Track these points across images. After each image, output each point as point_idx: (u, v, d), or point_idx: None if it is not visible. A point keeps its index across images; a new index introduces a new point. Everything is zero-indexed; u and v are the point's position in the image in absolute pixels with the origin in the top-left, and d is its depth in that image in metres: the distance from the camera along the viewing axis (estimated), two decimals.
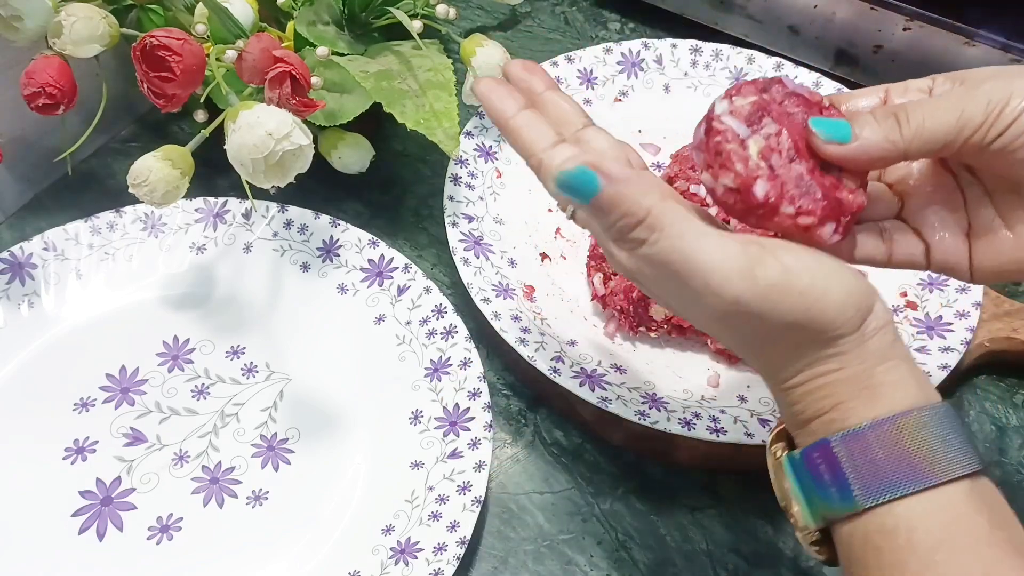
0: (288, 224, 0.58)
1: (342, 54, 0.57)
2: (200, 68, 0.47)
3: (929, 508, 0.31)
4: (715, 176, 0.35)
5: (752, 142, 0.35)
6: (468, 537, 0.46)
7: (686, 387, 0.53)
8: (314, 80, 0.50)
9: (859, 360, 0.33)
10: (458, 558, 0.45)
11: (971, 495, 0.32)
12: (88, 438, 0.51)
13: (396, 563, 0.46)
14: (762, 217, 0.35)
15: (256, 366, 0.54)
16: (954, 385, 0.56)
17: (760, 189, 0.34)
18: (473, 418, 0.50)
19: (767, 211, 0.34)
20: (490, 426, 0.50)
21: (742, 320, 0.34)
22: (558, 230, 0.61)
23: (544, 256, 0.59)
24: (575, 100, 0.40)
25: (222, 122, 0.47)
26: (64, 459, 0.50)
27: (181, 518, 0.48)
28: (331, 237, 0.57)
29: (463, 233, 0.56)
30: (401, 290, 0.55)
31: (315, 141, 0.49)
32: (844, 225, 0.35)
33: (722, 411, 0.50)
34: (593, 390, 0.50)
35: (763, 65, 0.67)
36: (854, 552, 0.33)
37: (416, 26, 0.57)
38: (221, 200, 0.58)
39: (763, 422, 0.49)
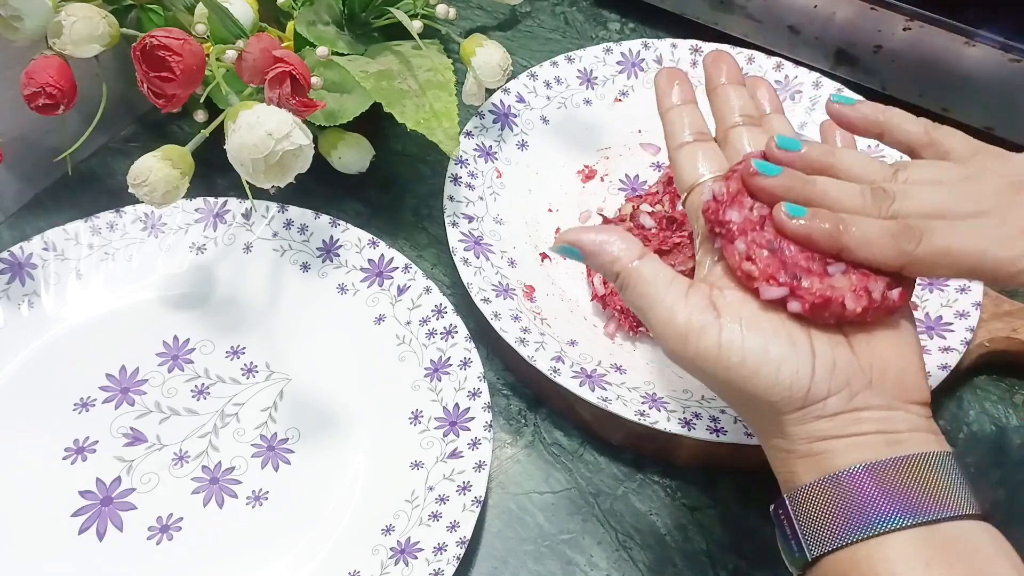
0: (288, 224, 0.58)
1: (342, 54, 0.57)
2: (200, 68, 0.47)
3: (868, 556, 0.33)
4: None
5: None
6: (468, 537, 0.46)
7: (686, 387, 0.53)
8: (314, 80, 0.50)
9: (802, 438, 0.35)
10: (458, 558, 0.45)
11: (915, 544, 0.33)
12: (88, 438, 0.51)
13: (396, 563, 0.46)
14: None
15: (256, 366, 0.54)
16: (954, 385, 0.56)
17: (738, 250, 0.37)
18: (473, 418, 0.50)
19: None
20: (490, 426, 0.50)
21: (690, 374, 0.37)
22: (558, 230, 0.61)
23: (544, 256, 0.59)
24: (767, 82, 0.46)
25: (222, 122, 0.47)
26: (64, 459, 0.50)
27: (181, 518, 0.48)
28: (331, 237, 0.57)
29: (463, 233, 0.56)
30: (401, 290, 0.55)
31: (315, 141, 0.49)
32: (807, 305, 0.36)
33: (722, 411, 0.50)
34: (593, 390, 0.50)
35: (763, 65, 0.67)
36: None
37: (416, 26, 0.57)
38: (221, 200, 0.58)
39: None
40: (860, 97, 0.39)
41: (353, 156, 0.58)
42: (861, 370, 0.36)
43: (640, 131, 0.66)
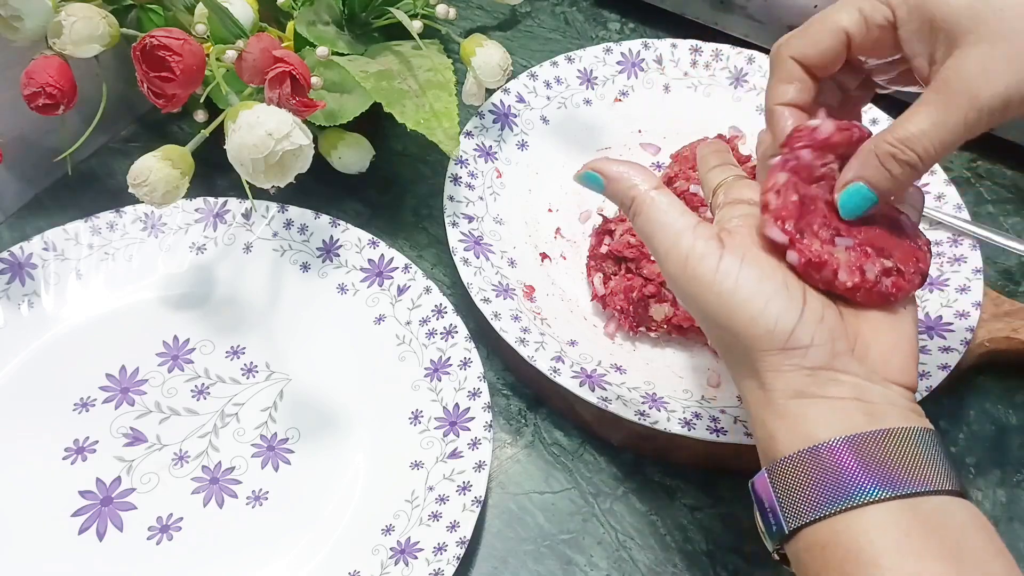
0: (288, 224, 0.58)
1: (342, 54, 0.57)
2: (200, 68, 0.47)
3: (846, 527, 0.33)
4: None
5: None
6: (468, 537, 0.46)
7: (686, 387, 0.53)
8: (314, 80, 0.50)
9: (780, 388, 0.36)
10: (458, 558, 0.45)
11: (893, 515, 0.33)
12: (88, 438, 0.51)
13: (396, 563, 0.46)
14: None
15: (256, 366, 0.54)
16: (954, 385, 0.56)
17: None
18: (473, 418, 0.50)
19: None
20: (490, 426, 0.50)
21: (684, 303, 0.39)
22: (558, 230, 0.61)
23: (544, 256, 0.59)
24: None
25: (222, 122, 0.47)
26: (64, 459, 0.50)
27: (181, 518, 0.48)
28: (331, 237, 0.57)
29: (463, 233, 0.56)
30: (401, 290, 0.55)
31: (315, 141, 0.49)
32: (803, 260, 0.37)
33: (722, 411, 0.50)
34: (593, 390, 0.50)
35: (763, 65, 0.67)
36: (798, 568, 0.35)
37: (416, 26, 0.57)
38: (221, 200, 0.58)
39: None
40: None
41: (353, 156, 0.58)
42: (846, 335, 0.36)
43: (640, 131, 0.66)
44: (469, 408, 0.51)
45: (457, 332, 0.53)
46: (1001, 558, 0.33)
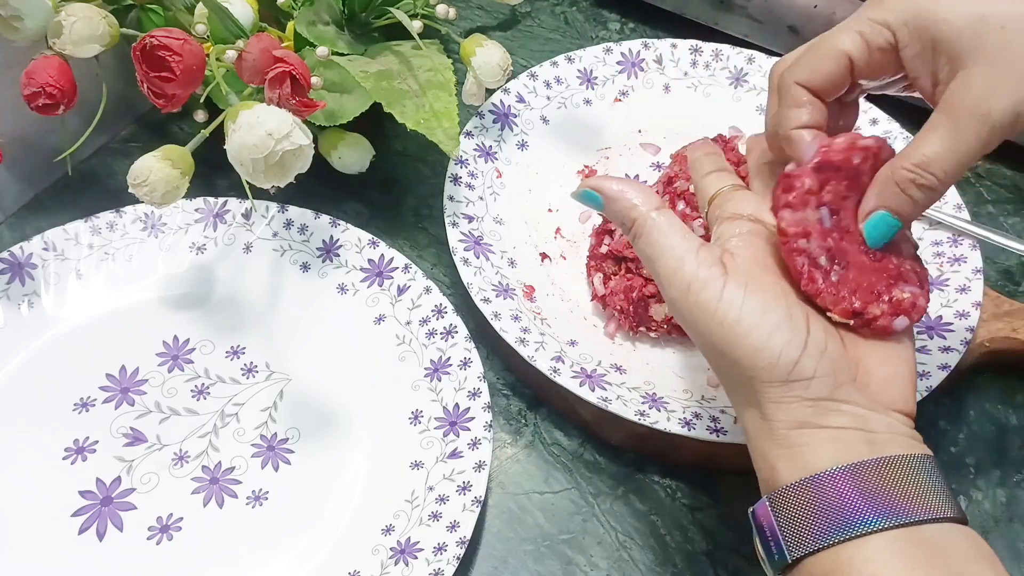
0: (288, 224, 0.58)
1: (342, 54, 0.57)
2: (200, 68, 0.47)
3: (848, 557, 0.33)
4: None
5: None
6: (468, 537, 0.46)
7: (686, 387, 0.53)
8: (314, 80, 0.50)
9: (782, 420, 0.36)
10: (458, 558, 0.45)
11: (895, 545, 0.33)
12: (88, 438, 0.51)
13: (396, 563, 0.46)
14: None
15: (256, 366, 0.54)
16: (954, 385, 0.56)
17: (813, 286, 0.38)
18: (473, 418, 0.50)
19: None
20: (490, 426, 0.50)
21: (685, 329, 0.38)
22: (558, 230, 0.61)
23: (544, 256, 0.59)
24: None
25: (222, 122, 0.47)
26: (64, 459, 0.50)
27: (181, 518, 0.48)
28: (331, 237, 0.57)
29: (463, 233, 0.56)
30: (401, 290, 0.55)
31: (315, 141, 0.49)
32: (914, 310, 0.38)
33: (722, 411, 0.50)
34: (593, 390, 0.50)
35: (763, 65, 0.67)
36: None
37: (416, 26, 0.57)
38: (221, 200, 0.58)
39: None
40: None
41: (353, 156, 0.58)
42: (848, 364, 0.36)
43: (640, 131, 0.66)
44: (469, 408, 0.51)
45: (457, 332, 0.53)
46: None
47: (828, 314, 0.37)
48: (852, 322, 0.37)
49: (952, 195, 0.59)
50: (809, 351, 0.35)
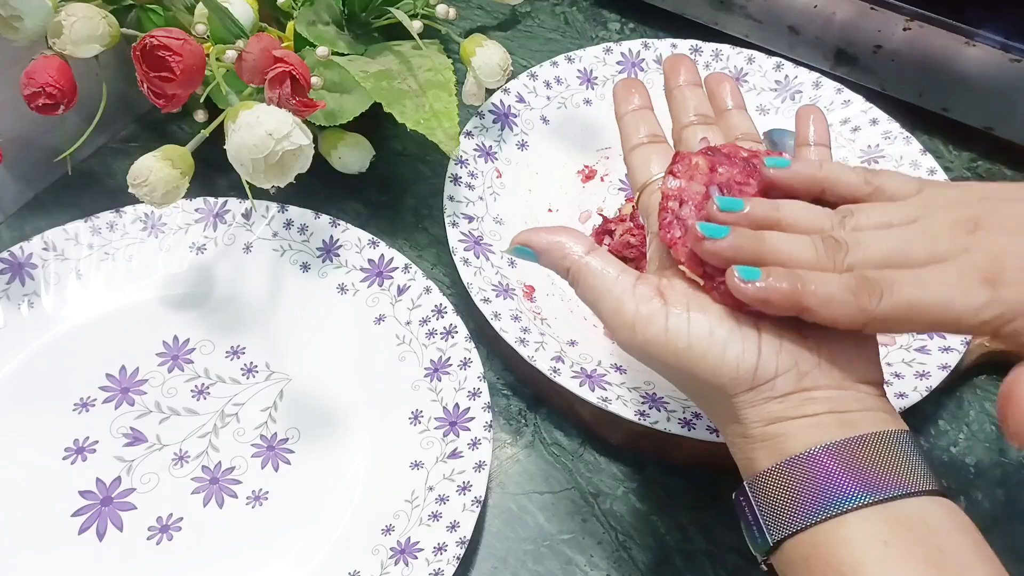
0: (288, 224, 0.58)
1: (342, 54, 0.57)
2: (200, 68, 0.47)
3: (827, 538, 0.33)
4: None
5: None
6: (468, 537, 0.46)
7: None
8: (314, 80, 0.50)
9: (755, 421, 0.36)
10: (458, 558, 0.45)
11: (872, 523, 0.33)
12: (88, 438, 0.51)
13: (396, 563, 0.46)
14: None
15: (256, 366, 0.54)
16: (954, 385, 0.56)
17: (669, 234, 0.38)
18: (473, 418, 0.50)
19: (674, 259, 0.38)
20: (490, 426, 0.50)
21: (645, 364, 0.38)
22: None
23: None
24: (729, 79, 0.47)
25: (222, 122, 0.47)
26: (64, 459, 0.50)
27: (181, 518, 0.48)
28: (331, 237, 0.57)
29: (463, 233, 0.56)
30: (401, 290, 0.55)
31: (315, 141, 0.49)
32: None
33: None
34: (593, 390, 0.50)
35: (763, 65, 0.67)
36: None
37: (416, 26, 0.57)
38: (221, 200, 0.58)
39: None
40: (788, 159, 0.39)
41: (353, 156, 0.58)
42: (809, 351, 0.36)
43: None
44: (469, 408, 0.51)
45: (457, 332, 0.53)
46: (983, 560, 0.33)
47: (680, 267, 0.37)
48: (702, 281, 0.37)
49: None
50: (765, 353, 0.35)
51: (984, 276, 0.34)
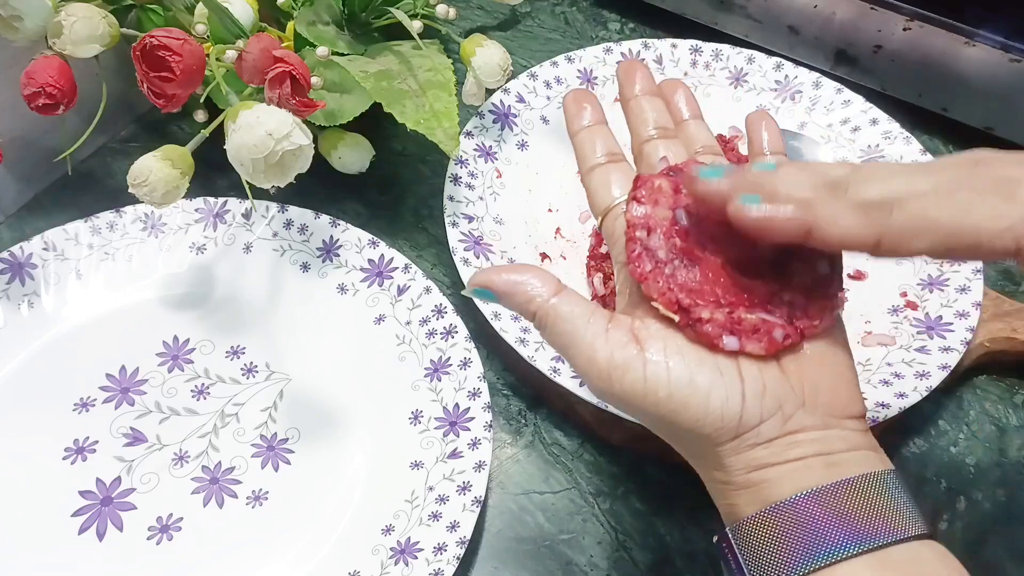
0: (288, 224, 0.58)
1: (342, 54, 0.57)
2: (200, 68, 0.47)
3: None
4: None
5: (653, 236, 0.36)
6: (468, 537, 0.46)
7: None
8: (314, 80, 0.50)
9: (739, 468, 0.34)
10: (458, 558, 0.45)
11: (865, 571, 0.31)
12: (88, 438, 0.51)
13: (396, 563, 0.46)
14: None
15: (256, 366, 0.54)
16: (954, 385, 0.56)
17: (639, 269, 0.36)
18: (473, 418, 0.50)
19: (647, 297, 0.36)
20: (490, 426, 0.50)
21: (622, 412, 0.36)
22: (558, 230, 0.61)
23: (544, 256, 0.59)
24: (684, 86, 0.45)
25: (222, 122, 0.47)
26: (64, 459, 0.50)
27: (181, 518, 0.48)
28: (331, 237, 0.57)
29: (463, 233, 0.56)
30: (401, 290, 0.55)
31: (315, 141, 0.49)
32: (765, 340, 0.34)
33: None
34: None
35: (763, 65, 0.67)
36: None
37: (416, 26, 0.57)
38: (221, 200, 0.58)
39: None
40: (772, 162, 0.35)
41: (353, 156, 0.58)
42: (792, 391, 0.34)
43: None
44: (469, 408, 0.51)
45: (457, 332, 0.53)
46: None
47: (653, 303, 0.35)
48: (677, 318, 0.35)
49: None
50: (749, 399, 0.34)
51: (1000, 192, 0.31)
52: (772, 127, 0.43)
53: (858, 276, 0.58)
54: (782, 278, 0.36)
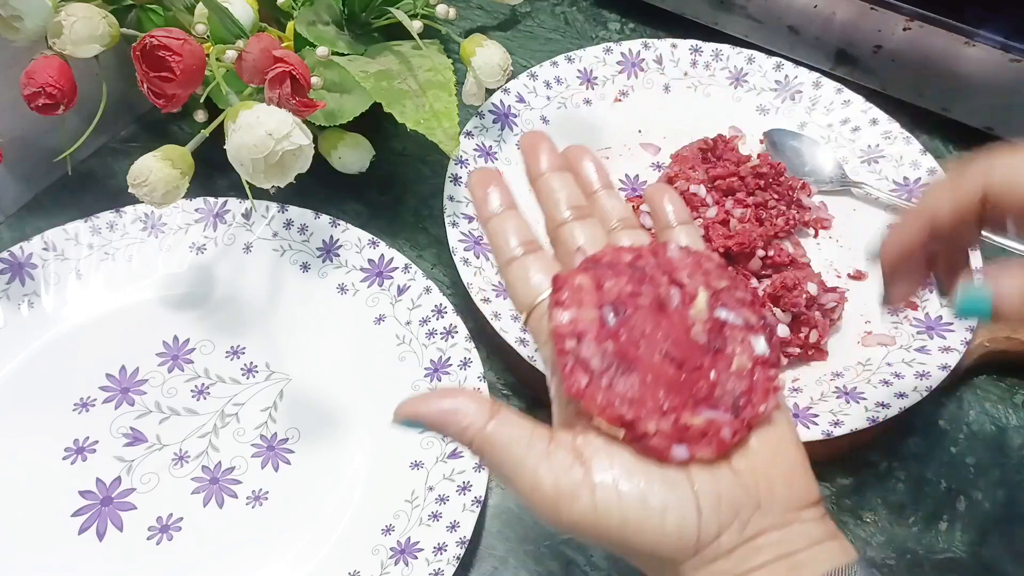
0: (288, 224, 0.58)
1: (342, 54, 0.57)
2: (200, 68, 0.47)
3: None
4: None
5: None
6: (468, 537, 0.46)
7: None
8: (314, 80, 0.50)
9: None
10: (458, 558, 0.45)
11: None
12: (88, 438, 0.51)
13: (396, 563, 0.46)
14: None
15: (256, 366, 0.54)
16: (954, 385, 0.56)
17: (575, 385, 0.33)
18: None
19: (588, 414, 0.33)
20: None
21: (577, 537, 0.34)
22: None
23: None
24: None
25: (222, 122, 0.47)
26: (64, 459, 0.50)
27: (181, 518, 0.48)
28: (331, 237, 0.57)
29: (463, 233, 0.56)
30: (401, 290, 0.55)
31: (315, 141, 0.49)
32: (714, 442, 0.33)
33: None
34: None
35: (763, 65, 0.67)
36: None
37: (416, 26, 0.57)
38: (221, 200, 0.58)
39: None
40: None
41: (353, 156, 0.58)
42: (747, 493, 0.33)
43: (640, 131, 0.66)
44: None
45: (457, 332, 0.53)
46: None
47: (594, 421, 0.33)
48: (621, 435, 0.32)
49: None
50: (705, 512, 0.32)
51: None
52: (675, 199, 0.41)
53: (858, 276, 0.58)
54: (720, 361, 0.34)
